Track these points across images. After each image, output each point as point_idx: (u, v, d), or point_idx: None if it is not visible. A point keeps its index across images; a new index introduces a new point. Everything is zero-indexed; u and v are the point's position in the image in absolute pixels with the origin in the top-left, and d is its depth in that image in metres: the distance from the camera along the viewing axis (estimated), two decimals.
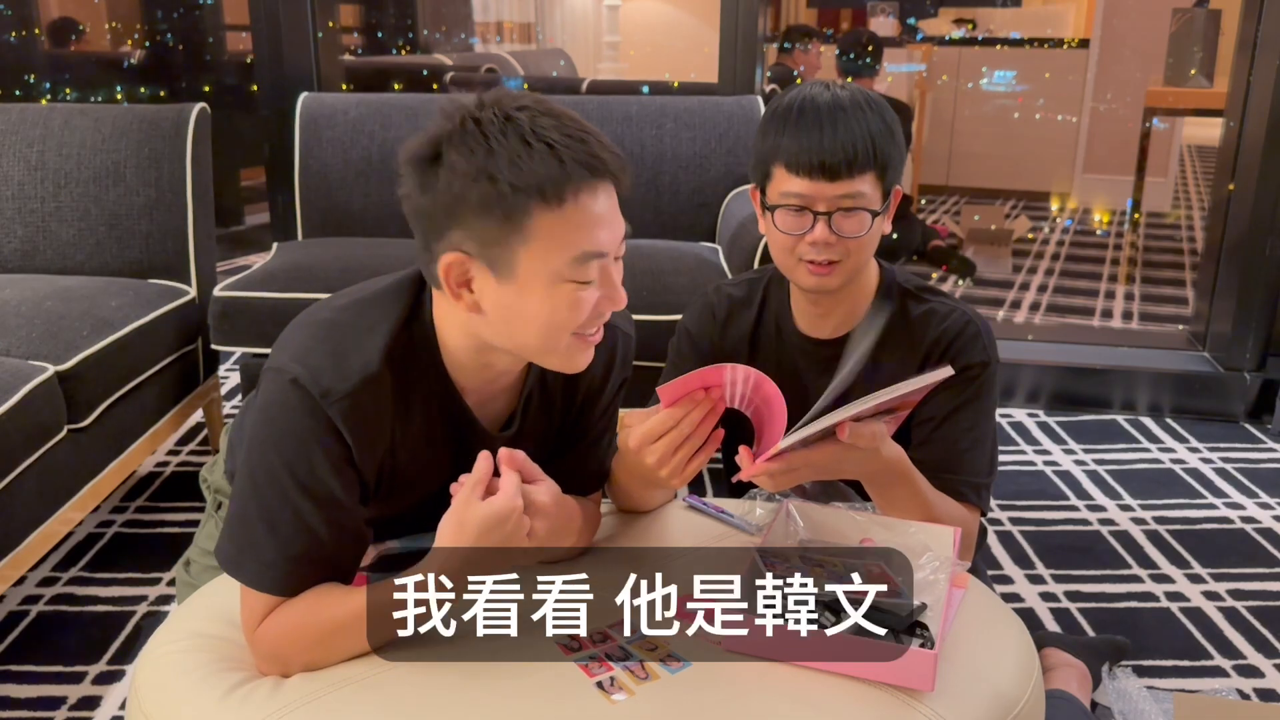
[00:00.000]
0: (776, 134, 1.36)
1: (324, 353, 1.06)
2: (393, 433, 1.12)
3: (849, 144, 1.32)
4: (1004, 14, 7.17)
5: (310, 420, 1.04)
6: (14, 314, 2.07)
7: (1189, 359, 3.19)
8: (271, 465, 1.06)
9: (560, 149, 0.98)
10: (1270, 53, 2.90)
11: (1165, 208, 5.79)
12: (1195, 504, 2.52)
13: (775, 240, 1.40)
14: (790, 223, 1.36)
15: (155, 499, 2.47)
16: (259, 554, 1.07)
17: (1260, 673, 1.88)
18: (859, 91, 1.38)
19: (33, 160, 2.46)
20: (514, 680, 1.03)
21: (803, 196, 1.34)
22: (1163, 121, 5.28)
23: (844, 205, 1.34)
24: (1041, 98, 6.34)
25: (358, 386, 1.05)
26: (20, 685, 1.79)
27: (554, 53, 6.86)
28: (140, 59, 4.94)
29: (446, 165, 1.00)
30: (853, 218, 1.34)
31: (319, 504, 1.06)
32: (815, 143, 1.32)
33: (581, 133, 1.01)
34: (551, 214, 0.99)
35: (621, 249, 1.08)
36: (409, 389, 1.11)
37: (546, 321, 1.04)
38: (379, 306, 1.11)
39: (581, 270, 1.02)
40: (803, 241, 1.36)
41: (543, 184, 0.98)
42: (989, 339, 1.45)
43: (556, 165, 0.98)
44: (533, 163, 0.97)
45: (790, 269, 1.42)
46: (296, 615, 1.06)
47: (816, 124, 1.33)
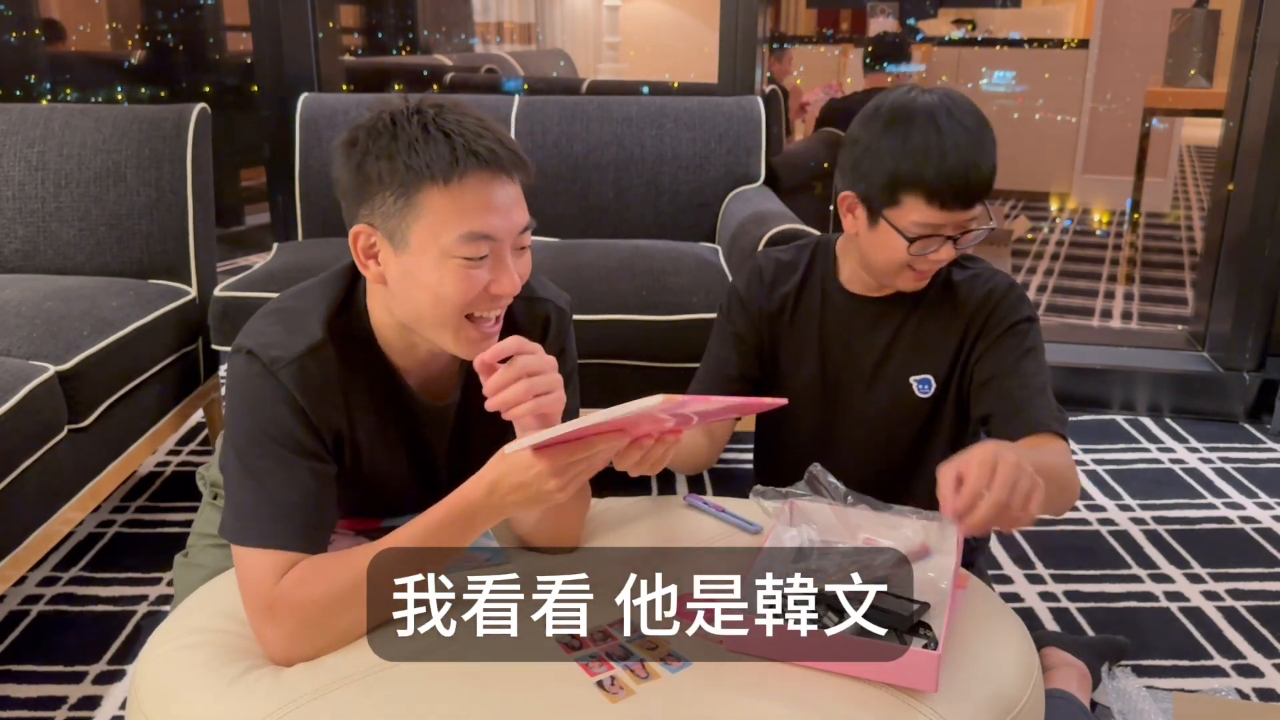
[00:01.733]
0: (908, 158, 1.37)
1: (272, 329, 1.17)
2: (347, 406, 1.20)
3: (988, 174, 1.39)
4: (1004, 14, 7.16)
5: (265, 383, 1.14)
6: (14, 314, 2.07)
7: (1188, 359, 3.19)
8: (249, 430, 1.14)
9: (455, 138, 1.09)
10: (1270, 53, 2.90)
11: (1165, 208, 5.80)
12: (1195, 504, 2.52)
13: (892, 256, 1.43)
14: (921, 246, 1.40)
15: (155, 499, 2.47)
16: (258, 513, 1.12)
17: (1260, 673, 1.88)
18: (971, 112, 1.41)
19: (33, 160, 2.46)
20: (514, 679, 1.03)
21: (937, 226, 1.39)
22: (1162, 122, 5.28)
23: (971, 228, 1.41)
24: (1041, 98, 6.33)
25: (304, 353, 1.15)
26: (20, 685, 1.79)
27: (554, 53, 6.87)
28: (140, 59, 4.94)
29: (359, 148, 1.12)
30: (972, 235, 1.42)
31: (296, 453, 1.14)
32: (961, 177, 1.36)
33: (480, 128, 1.11)
34: (440, 193, 1.09)
35: (523, 239, 1.16)
36: (352, 366, 1.20)
37: (436, 293, 1.12)
38: (317, 290, 1.23)
39: (468, 248, 1.10)
40: (925, 258, 1.41)
41: (433, 164, 1.08)
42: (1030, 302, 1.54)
43: (448, 150, 1.08)
44: (428, 147, 1.09)
45: (892, 276, 1.47)
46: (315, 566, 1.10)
47: (957, 157, 1.36)
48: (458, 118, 1.11)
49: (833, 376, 1.58)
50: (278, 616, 1.08)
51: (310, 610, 1.08)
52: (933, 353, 1.54)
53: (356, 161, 1.12)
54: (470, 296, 1.13)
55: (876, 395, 1.56)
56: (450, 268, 1.11)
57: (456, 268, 1.11)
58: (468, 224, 1.09)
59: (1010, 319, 1.49)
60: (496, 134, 1.12)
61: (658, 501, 1.61)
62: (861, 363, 1.56)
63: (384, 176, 1.10)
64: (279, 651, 1.09)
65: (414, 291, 1.13)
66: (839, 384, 1.58)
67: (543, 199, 2.91)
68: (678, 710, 1.01)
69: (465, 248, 1.10)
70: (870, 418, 1.57)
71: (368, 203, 1.12)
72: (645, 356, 2.32)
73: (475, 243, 1.10)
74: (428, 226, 1.10)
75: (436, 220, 1.09)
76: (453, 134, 1.09)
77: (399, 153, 1.09)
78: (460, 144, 1.09)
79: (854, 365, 1.57)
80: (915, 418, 1.56)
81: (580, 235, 2.88)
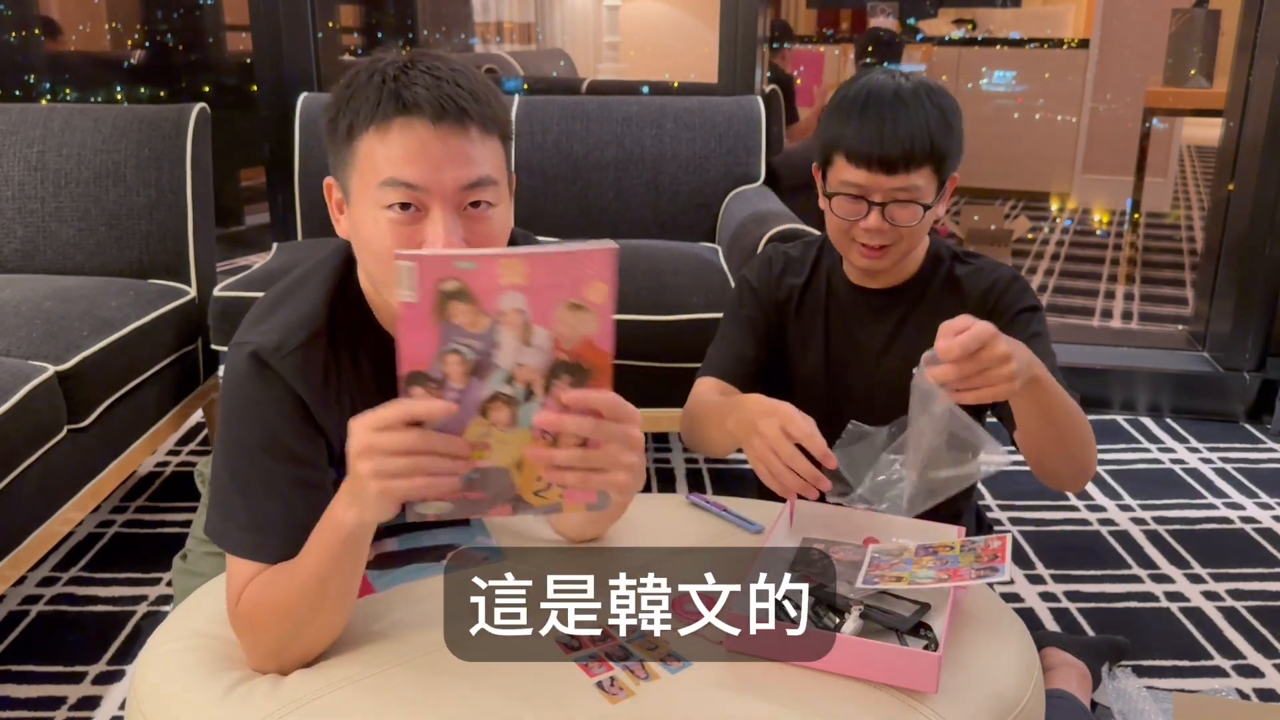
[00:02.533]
0: (841, 122, 1.43)
1: (271, 318, 1.13)
2: (351, 393, 1.15)
3: (907, 139, 1.38)
4: (1004, 14, 7.16)
5: (263, 384, 1.09)
6: (14, 314, 2.07)
7: (1189, 359, 3.19)
8: (236, 434, 1.10)
9: (390, 84, 1.03)
10: (1270, 53, 2.90)
11: (1165, 208, 5.80)
12: (1195, 504, 2.52)
13: (832, 222, 1.49)
14: (846, 209, 1.44)
15: (155, 499, 2.47)
16: (237, 520, 1.10)
17: (1260, 673, 1.88)
18: (922, 83, 1.44)
19: (33, 160, 2.46)
20: (514, 680, 1.03)
21: (860, 186, 1.42)
22: (1162, 122, 5.28)
23: (899, 198, 1.41)
24: (1041, 98, 6.34)
25: (305, 340, 1.11)
26: (20, 685, 1.79)
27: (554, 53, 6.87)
28: (140, 59, 4.94)
29: (333, 98, 1.09)
30: (906, 209, 1.42)
31: (283, 464, 1.10)
32: (875, 136, 1.39)
33: (434, 78, 1.03)
34: (368, 139, 1.04)
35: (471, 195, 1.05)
36: (355, 345, 1.16)
37: (370, 245, 1.07)
38: (314, 275, 1.18)
39: (387, 194, 1.03)
40: (856, 226, 1.43)
41: (360, 109, 1.04)
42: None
43: (376, 96, 1.03)
44: (365, 93, 1.04)
45: (845, 248, 1.50)
46: (266, 579, 1.07)
47: (878, 117, 1.39)
48: (419, 69, 1.04)
49: (837, 366, 1.59)
50: (239, 624, 1.09)
51: (257, 619, 1.07)
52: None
53: (330, 115, 1.09)
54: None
55: (880, 384, 1.56)
56: (380, 220, 1.04)
57: (385, 220, 1.04)
58: (387, 170, 1.03)
59: (1016, 307, 1.50)
60: (454, 82, 1.04)
61: (659, 500, 1.61)
62: (866, 352, 1.57)
63: (336, 126, 1.08)
64: (249, 658, 1.09)
65: (361, 249, 1.10)
66: (843, 373, 1.59)
67: (543, 199, 2.91)
68: (678, 710, 1.01)
69: (385, 194, 1.03)
70: (874, 407, 1.56)
71: (332, 155, 1.10)
72: (645, 356, 2.32)
73: (394, 189, 1.03)
74: (360, 174, 1.06)
75: (365, 167, 1.05)
76: (389, 80, 1.04)
77: (344, 101, 1.06)
78: (390, 90, 1.03)
79: (858, 355, 1.58)
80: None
81: (580, 235, 2.87)
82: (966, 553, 1.15)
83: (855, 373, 1.58)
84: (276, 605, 1.06)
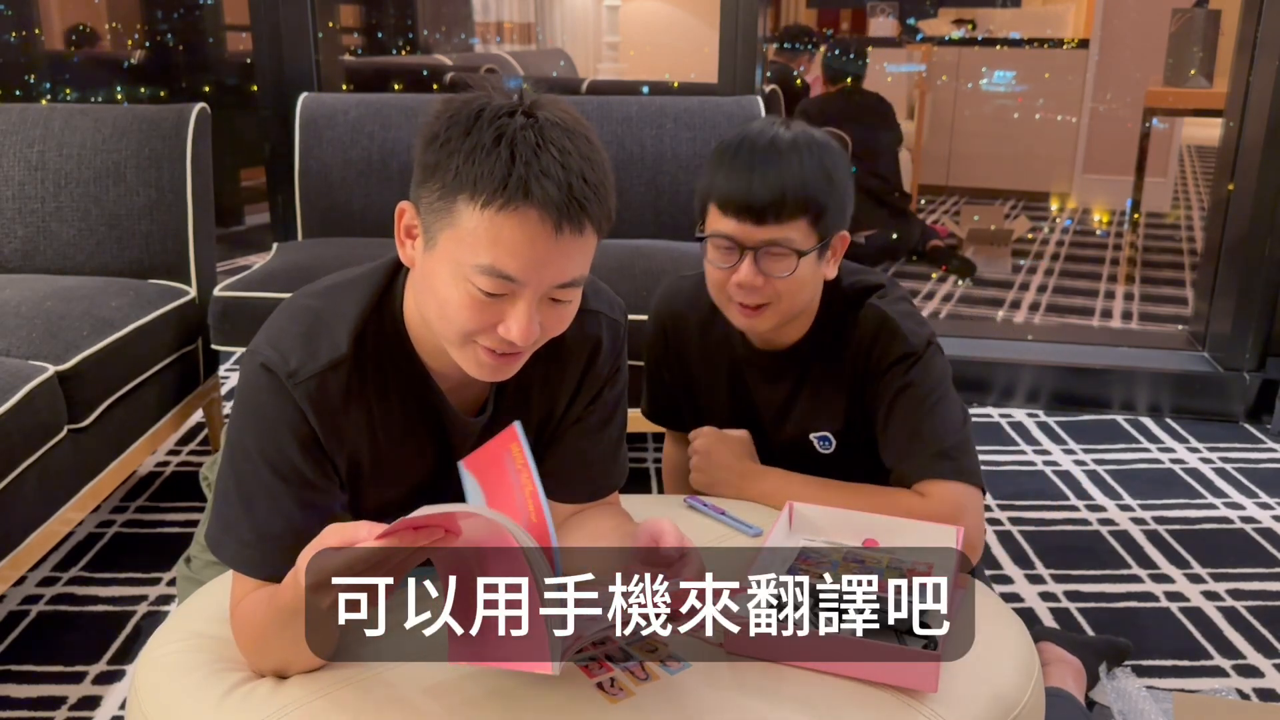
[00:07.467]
0: (713, 170, 1.38)
1: (295, 335, 1.09)
2: (370, 417, 1.12)
3: (777, 188, 1.32)
4: (1004, 14, 7.17)
5: (277, 402, 1.06)
6: (14, 314, 2.07)
7: (1188, 359, 3.19)
8: (245, 446, 1.08)
9: (519, 164, 0.96)
10: (1270, 53, 2.90)
11: (1165, 208, 5.80)
12: (1195, 504, 2.52)
13: (710, 277, 1.42)
14: (719, 258, 1.38)
15: (155, 499, 2.47)
16: (238, 534, 1.08)
17: (1260, 673, 1.88)
18: (802, 133, 1.37)
19: (33, 160, 2.46)
20: (514, 680, 1.03)
21: (730, 237, 1.36)
22: (1162, 122, 5.28)
23: (772, 251, 1.34)
24: (1041, 98, 6.34)
25: (324, 369, 1.07)
26: (20, 685, 1.79)
27: (554, 53, 6.87)
28: (140, 59, 4.94)
29: (439, 126, 1.02)
30: (779, 261, 1.34)
31: (290, 484, 1.07)
32: (744, 184, 1.33)
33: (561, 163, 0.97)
34: (475, 213, 0.98)
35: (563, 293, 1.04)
36: (382, 372, 1.13)
37: (442, 305, 1.03)
38: (352, 291, 1.13)
39: (483, 280, 0.99)
40: (731, 283, 1.37)
41: (480, 181, 0.97)
42: (912, 323, 1.42)
43: (501, 175, 0.97)
44: (487, 160, 0.97)
45: (724, 306, 1.43)
46: (263, 595, 1.07)
47: (749, 166, 1.34)
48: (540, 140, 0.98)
49: (742, 421, 1.54)
50: (235, 631, 1.10)
51: (248, 632, 1.08)
52: (827, 410, 1.49)
53: (427, 138, 1.02)
54: (474, 327, 1.03)
55: (782, 449, 1.52)
56: (463, 290, 1.00)
57: (468, 293, 1.00)
58: (491, 256, 0.98)
59: (885, 361, 1.41)
60: (579, 174, 0.98)
61: (657, 502, 1.61)
62: (763, 417, 1.53)
63: (440, 168, 1.00)
64: (248, 663, 1.09)
65: (427, 295, 1.05)
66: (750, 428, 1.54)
67: None
68: (677, 711, 1.01)
69: (480, 279, 0.99)
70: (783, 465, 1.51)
71: (422, 185, 1.03)
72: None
73: (492, 278, 0.99)
74: (456, 239, 1.00)
75: (465, 237, 0.99)
76: (519, 157, 0.96)
77: (458, 152, 0.98)
78: (518, 173, 0.96)
79: (757, 418, 1.54)
80: (825, 469, 1.48)
81: None
82: (892, 569, 1.15)
83: (757, 434, 1.53)
84: (263, 625, 1.05)
